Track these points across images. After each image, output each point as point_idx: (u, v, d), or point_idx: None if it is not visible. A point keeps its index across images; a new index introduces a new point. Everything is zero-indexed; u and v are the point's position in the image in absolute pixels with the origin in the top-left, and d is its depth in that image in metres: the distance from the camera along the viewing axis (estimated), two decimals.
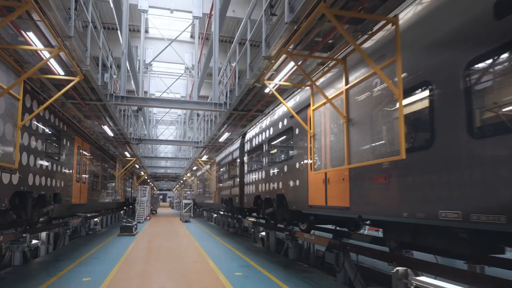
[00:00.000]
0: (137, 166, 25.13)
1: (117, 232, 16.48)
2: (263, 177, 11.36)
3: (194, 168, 26.04)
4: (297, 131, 8.72)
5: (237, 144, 15.57)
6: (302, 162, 8.31)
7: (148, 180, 41.34)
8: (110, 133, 12.81)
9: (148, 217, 27.76)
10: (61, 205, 10.69)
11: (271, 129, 10.67)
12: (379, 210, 5.39)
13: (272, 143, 10.72)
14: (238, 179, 15.20)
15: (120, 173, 20.23)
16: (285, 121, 9.53)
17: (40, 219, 10.86)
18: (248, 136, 13.66)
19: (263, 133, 11.51)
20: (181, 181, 44.16)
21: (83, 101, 9.55)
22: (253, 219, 15.83)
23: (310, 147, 7.53)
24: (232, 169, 16.81)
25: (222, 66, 12.91)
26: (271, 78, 8.24)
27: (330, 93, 6.64)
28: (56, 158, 10.22)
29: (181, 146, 31.66)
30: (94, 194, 15.56)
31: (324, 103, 6.27)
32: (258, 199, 12.32)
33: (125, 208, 32.48)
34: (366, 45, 5.72)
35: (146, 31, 20.47)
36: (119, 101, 9.61)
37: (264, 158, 11.37)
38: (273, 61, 7.10)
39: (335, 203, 6.80)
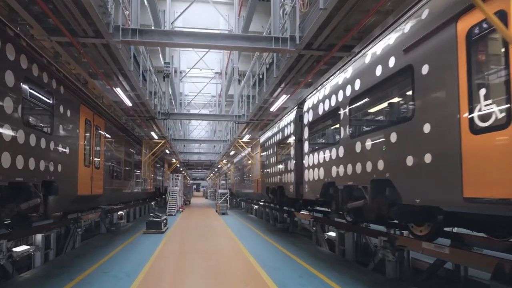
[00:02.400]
0: (167, 152, 22.28)
1: (143, 229, 13.54)
2: (342, 155, 7.76)
3: (232, 153, 22.83)
4: (424, 69, 5.01)
5: (290, 117, 12.02)
6: (444, 119, 4.62)
7: (181, 169, 38.84)
8: (128, 102, 9.76)
9: (181, 209, 25.00)
10: (60, 197, 7.66)
11: (359, 81, 7.01)
12: None
13: (359, 103, 7.08)
14: (292, 163, 11.69)
15: (147, 158, 17.32)
16: (393, 61, 5.84)
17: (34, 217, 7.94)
18: (310, 103, 10.06)
19: (341, 92, 7.87)
20: (216, 169, 41.32)
21: (74, 38, 6.32)
22: (315, 214, 12.37)
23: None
24: (282, 150, 13.30)
25: None
26: None
27: None
28: (46, 130, 7.15)
29: (218, 121, 28.48)
30: (114, 183, 12.63)
31: None
32: (329, 187, 8.77)
33: (157, 198, 29.99)
34: None
35: None
36: (129, 37, 6.32)
37: (342, 128, 7.75)
38: None
39: None
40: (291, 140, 11.91)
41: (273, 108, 10.74)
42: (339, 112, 7.96)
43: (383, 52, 6.15)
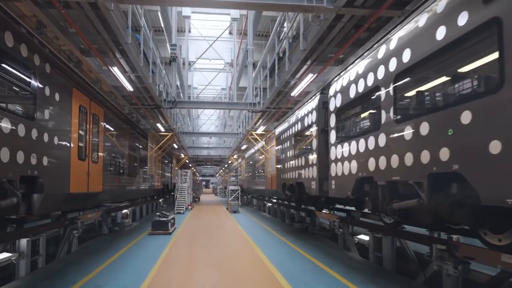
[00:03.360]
0: (175, 146, 21.09)
1: (149, 230, 12.35)
2: (383, 144, 6.39)
3: (244, 147, 21.52)
4: None
5: (312, 104, 10.65)
6: None
7: (190, 165, 37.72)
8: (128, 85, 8.48)
9: (190, 206, 23.83)
10: (46, 196, 6.45)
11: (408, 51, 5.62)
12: None
13: (409, 78, 5.68)
14: (314, 156, 10.34)
15: (153, 152, 16.10)
16: (464, 17, 4.43)
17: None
18: (337, 86, 8.68)
19: (381, 68, 6.49)
20: (226, 165, 40.11)
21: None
22: (339, 214, 11.06)
23: None
24: (302, 143, 11.95)
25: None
26: None
27: None
28: (26, 115, 5.92)
29: (229, 112, 27.19)
30: (116, 179, 11.44)
31: None
32: (364, 183, 7.41)
33: (167, 196, 28.87)
34: None
35: (189, 31, 22.63)
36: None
37: (384, 112, 6.37)
38: None
39: None
40: (313, 130, 10.54)
41: (295, 92, 9.33)
42: (379, 93, 6.57)
43: (449, 8, 4.74)
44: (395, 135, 6.00)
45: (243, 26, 19.87)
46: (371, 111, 7.06)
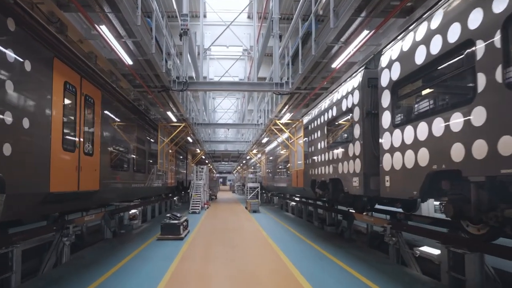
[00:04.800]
0: (190, 140, 19.38)
1: (158, 234, 10.64)
2: (483, 122, 4.38)
3: (264, 140, 19.60)
4: None
5: (353, 82, 8.66)
6: None
7: (206, 161, 36.11)
8: (125, 56, 6.68)
9: (206, 205, 22.13)
10: (11, 197, 4.75)
11: None
12: None
13: None
14: (357, 146, 8.37)
15: (166, 146, 14.38)
16: None
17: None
18: (394, 53, 6.69)
19: (476, 13, 4.49)
20: (244, 162, 38.30)
21: None
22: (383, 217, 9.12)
23: None
24: (338, 131, 9.97)
25: None
26: None
27: None
28: None
29: (249, 103, 25.17)
30: (119, 175, 9.74)
31: None
32: (440, 179, 5.44)
33: (183, 192, 27.28)
34: None
35: (204, 16, 21.03)
36: None
37: (483, 75, 4.36)
38: None
39: None
40: (355, 114, 8.56)
41: (338, 63, 7.30)
42: (472, 49, 4.55)
43: None
44: (507, 106, 3.99)
45: (263, 8, 17.98)
46: (456, 77, 5.04)
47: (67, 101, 6.51)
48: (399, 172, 6.48)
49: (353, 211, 10.43)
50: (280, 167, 19.97)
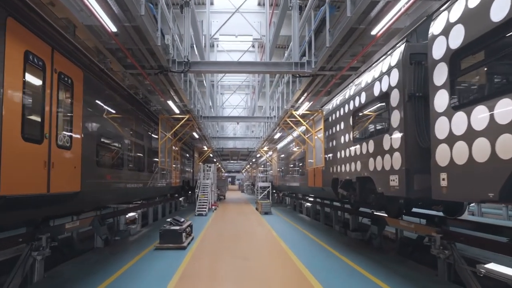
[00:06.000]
0: (196, 136, 17.92)
1: (156, 242, 9.17)
2: None
3: (277, 136, 18.03)
4: None
5: (390, 61, 7.08)
6: None
7: (214, 159, 34.67)
8: (110, 25, 5.22)
9: (213, 206, 20.65)
10: None
11: None
12: None
13: None
14: (397, 137, 6.78)
15: (166, 140, 12.88)
16: None
17: None
18: (453, 15, 5.10)
19: None
20: (253, 160, 36.76)
21: None
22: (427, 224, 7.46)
23: None
24: (370, 120, 8.36)
25: None
26: None
27: None
28: None
29: (259, 97, 23.53)
30: (108, 174, 8.25)
31: None
32: None
33: (189, 192, 25.84)
34: None
35: (211, 3, 19.87)
36: None
37: None
38: None
39: None
40: (393, 99, 6.98)
41: (381, 27, 5.67)
42: None
43: None
44: None
45: None
46: None
47: (30, 77, 5.04)
48: (463, 167, 4.87)
49: (385, 215, 8.84)
50: (293, 165, 18.38)
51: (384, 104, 7.45)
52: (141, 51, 6.93)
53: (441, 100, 5.44)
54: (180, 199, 21.89)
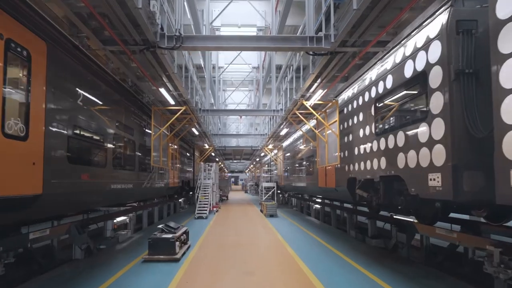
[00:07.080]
0: (196, 132, 16.60)
1: (145, 253, 7.84)
2: None
3: (283, 132, 16.64)
4: None
5: (428, 33, 5.72)
6: None
7: (217, 159, 33.34)
8: None
9: (215, 208, 19.30)
10: None
11: None
12: None
13: None
14: (440, 125, 5.41)
15: (159, 134, 11.50)
16: None
17: None
18: None
19: None
20: (257, 159, 35.37)
21: None
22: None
23: None
24: (398, 108, 6.95)
25: None
26: None
27: None
28: None
29: (263, 93, 22.05)
30: (84, 173, 6.92)
31: None
32: None
33: (190, 193, 24.52)
34: None
35: None
36: None
37: None
38: None
39: None
40: (432, 78, 5.63)
41: None
42: None
43: None
44: None
45: None
46: None
47: None
48: None
49: (415, 220, 7.47)
50: (301, 164, 17.00)
51: (419, 86, 6.09)
52: (120, 20, 5.59)
53: (511, 73, 4.06)
54: (180, 200, 20.57)
